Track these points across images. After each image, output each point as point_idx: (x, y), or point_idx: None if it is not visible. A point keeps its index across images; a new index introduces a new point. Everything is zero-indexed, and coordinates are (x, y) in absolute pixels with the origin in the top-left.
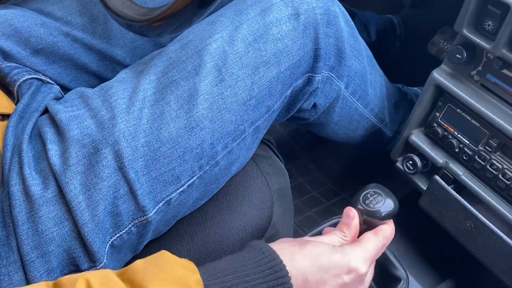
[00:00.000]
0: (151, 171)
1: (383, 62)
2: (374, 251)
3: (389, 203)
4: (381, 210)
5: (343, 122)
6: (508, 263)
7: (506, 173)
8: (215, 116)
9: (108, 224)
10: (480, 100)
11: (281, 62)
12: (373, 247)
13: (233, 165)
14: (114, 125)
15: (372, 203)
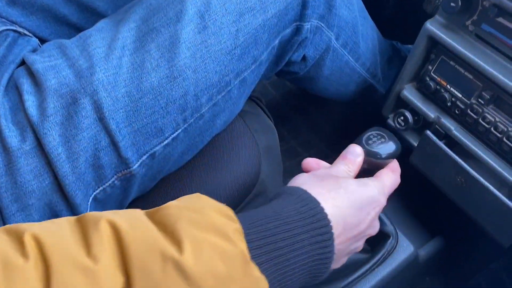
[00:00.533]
0: (132, 122)
1: (377, 20)
2: (391, 186)
3: (391, 144)
4: (383, 151)
5: (334, 76)
6: (498, 218)
7: (498, 126)
8: (199, 65)
9: (90, 177)
10: (474, 51)
11: (267, 9)
12: (390, 182)
13: (219, 119)
14: (93, 74)
15: (375, 144)
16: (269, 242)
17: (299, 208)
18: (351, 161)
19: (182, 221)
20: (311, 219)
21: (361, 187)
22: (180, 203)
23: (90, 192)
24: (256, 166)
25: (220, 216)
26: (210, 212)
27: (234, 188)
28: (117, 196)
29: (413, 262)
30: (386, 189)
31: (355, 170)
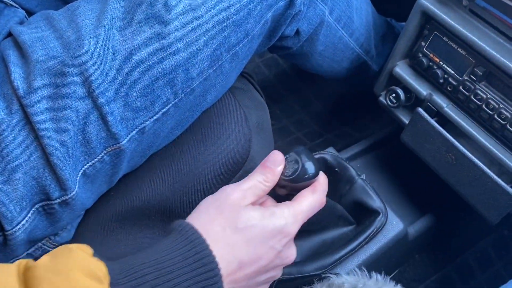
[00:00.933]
0: (122, 96)
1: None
2: (309, 210)
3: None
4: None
5: (327, 52)
6: (487, 196)
7: (489, 103)
8: (189, 38)
9: (79, 151)
10: (467, 27)
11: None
12: (308, 206)
13: (209, 94)
14: (81, 46)
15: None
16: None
17: (184, 253)
18: (270, 170)
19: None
20: (196, 264)
21: (263, 220)
22: (49, 262)
23: (79, 167)
24: (246, 142)
25: (86, 279)
26: (75, 274)
27: (223, 164)
28: (107, 171)
29: (403, 240)
30: (300, 215)
31: (274, 180)
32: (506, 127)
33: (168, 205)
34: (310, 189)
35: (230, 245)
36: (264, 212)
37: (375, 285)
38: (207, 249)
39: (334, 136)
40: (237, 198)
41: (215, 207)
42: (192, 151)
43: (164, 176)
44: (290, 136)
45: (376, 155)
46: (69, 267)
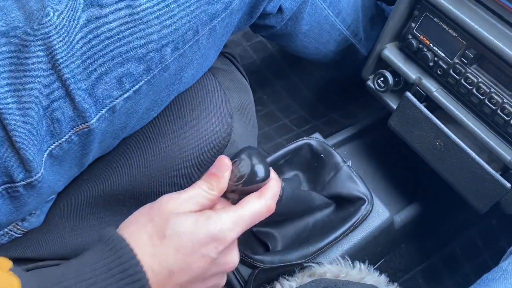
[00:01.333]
0: (89, 71)
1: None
2: (253, 216)
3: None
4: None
5: (313, 33)
6: (476, 184)
7: (480, 87)
8: (162, 10)
9: (44, 130)
10: (459, 7)
11: None
12: (252, 211)
13: (186, 72)
14: (44, 16)
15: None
16: None
17: (109, 263)
18: (215, 177)
19: None
20: (121, 275)
21: (195, 225)
22: None
23: (45, 147)
24: (227, 125)
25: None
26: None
27: (203, 149)
28: (76, 152)
29: (388, 228)
30: (241, 221)
31: (220, 188)
32: (497, 112)
33: (143, 190)
34: (257, 194)
35: (157, 254)
36: (198, 218)
37: (358, 274)
38: (133, 259)
39: (321, 123)
40: (172, 206)
41: (147, 214)
42: (169, 134)
43: (139, 160)
44: (276, 122)
45: (363, 142)
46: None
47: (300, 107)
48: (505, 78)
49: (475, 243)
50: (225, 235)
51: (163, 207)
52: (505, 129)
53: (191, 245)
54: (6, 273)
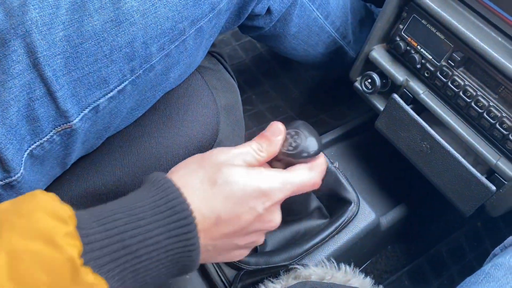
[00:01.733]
0: (72, 71)
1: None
2: (300, 185)
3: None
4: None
5: (302, 35)
6: (462, 186)
7: (467, 90)
8: (148, 9)
9: (24, 129)
10: (447, 9)
11: None
12: (300, 179)
13: (172, 72)
14: (25, 13)
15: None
16: (114, 242)
17: (156, 201)
18: (266, 139)
19: (4, 229)
20: (168, 212)
21: (246, 177)
22: (10, 206)
23: (25, 147)
24: (214, 125)
25: (50, 220)
26: (39, 215)
27: (188, 149)
28: (58, 153)
29: (375, 230)
30: (289, 185)
31: (270, 151)
32: (483, 115)
33: (127, 191)
34: (307, 165)
35: (207, 198)
36: (250, 171)
37: (344, 277)
38: (180, 197)
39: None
40: (223, 158)
41: (197, 162)
42: (155, 133)
43: (123, 160)
44: (265, 122)
45: (351, 143)
46: (31, 208)
47: (289, 107)
48: (492, 82)
49: (461, 245)
50: (274, 192)
51: (214, 157)
52: (491, 132)
53: (241, 195)
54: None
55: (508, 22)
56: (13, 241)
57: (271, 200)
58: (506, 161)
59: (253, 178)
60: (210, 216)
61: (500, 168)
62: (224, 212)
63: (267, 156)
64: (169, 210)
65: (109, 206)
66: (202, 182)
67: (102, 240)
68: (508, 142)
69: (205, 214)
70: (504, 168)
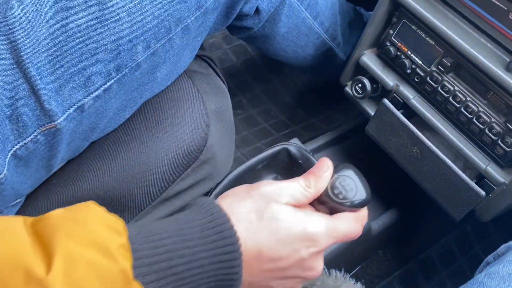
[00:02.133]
0: (56, 69)
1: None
2: (345, 234)
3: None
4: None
5: (291, 35)
6: (452, 191)
7: (457, 96)
8: (133, 7)
9: (8, 129)
10: (437, 15)
11: None
12: (346, 228)
13: (159, 71)
14: (8, 10)
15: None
16: (162, 260)
17: (204, 224)
18: (314, 175)
19: (61, 234)
20: (216, 236)
21: (296, 218)
22: (65, 213)
23: (8, 147)
24: (203, 130)
25: (105, 230)
26: (94, 225)
27: (178, 153)
28: (42, 153)
29: (366, 235)
30: (336, 233)
31: (318, 187)
32: (473, 121)
33: (115, 196)
34: (354, 215)
35: (252, 230)
36: (298, 212)
37: (334, 282)
38: (227, 222)
39: (301, 128)
40: (271, 191)
41: (246, 191)
42: (144, 138)
43: (112, 164)
44: (256, 127)
45: (341, 148)
46: (86, 217)
47: (280, 111)
48: (481, 87)
49: (451, 250)
50: (320, 237)
51: (262, 188)
52: (480, 137)
53: (286, 234)
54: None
55: (497, 28)
56: (70, 247)
57: (315, 245)
58: (496, 166)
59: (300, 220)
60: (252, 249)
61: (490, 173)
62: (266, 248)
63: (315, 192)
64: (216, 234)
65: (158, 224)
66: (249, 213)
67: (150, 257)
68: (497, 147)
69: (248, 245)
70: (493, 174)
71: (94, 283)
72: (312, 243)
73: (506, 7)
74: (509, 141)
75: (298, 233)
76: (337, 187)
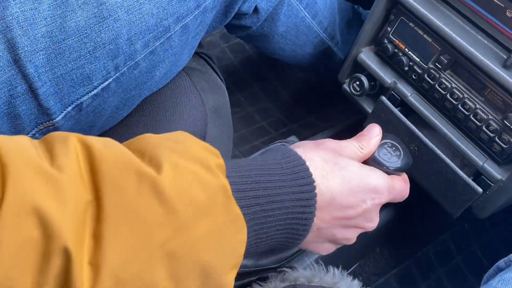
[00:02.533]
0: (55, 67)
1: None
2: (399, 193)
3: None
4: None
5: (290, 34)
6: (449, 188)
7: (454, 93)
8: (132, 5)
9: (6, 128)
10: (434, 12)
11: None
12: (400, 188)
13: (158, 70)
14: (5, 8)
15: (388, 156)
16: (250, 189)
17: (282, 164)
18: (366, 138)
19: (163, 148)
20: (294, 175)
21: (363, 171)
22: (160, 136)
23: None
24: (201, 127)
25: (203, 150)
26: (193, 145)
27: None
28: None
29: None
30: (393, 190)
31: (370, 149)
32: (470, 117)
33: None
34: (404, 177)
35: (326, 177)
36: (363, 166)
37: (332, 279)
38: (304, 164)
39: (299, 126)
40: (337, 146)
41: (315, 145)
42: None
43: None
44: (254, 125)
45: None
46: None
47: (277, 109)
48: (478, 84)
49: (448, 247)
50: (383, 191)
51: (329, 144)
52: (477, 134)
53: (357, 184)
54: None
55: (494, 25)
56: (175, 159)
57: (379, 198)
58: (493, 163)
59: (367, 173)
60: (326, 194)
61: (487, 170)
62: (339, 195)
63: (368, 152)
64: (294, 174)
65: (242, 160)
66: (324, 161)
67: (240, 184)
68: (494, 144)
69: (322, 189)
70: (490, 170)
71: (199, 191)
72: (376, 195)
73: (503, 4)
74: (506, 138)
75: (367, 185)
76: (385, 152)
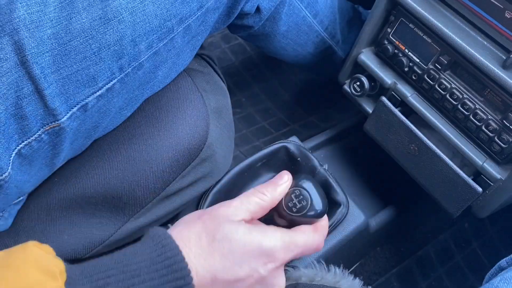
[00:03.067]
0: (60, 68)
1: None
2: (304, 247)
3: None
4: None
5: (291, 34)
6: (449, 188)
7: (454, 93)
8: (136, 7)
9: (12, 128)
10: (434, 13)
11: None
12: (304, 241)
13: (160, 70)
14: (12, 11)
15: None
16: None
17: (154, 258)
18: (271, 185)
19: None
20: (165, 270)
21: (251, 236)
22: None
23: (13, 146)
24: (203, 128)
25: (39, 274)
26: (28, 269)
27: (178, 151)
28: (46, 152)
29: (364, 232)
30: (293, 246)
31: (275, 196)
32: (469, 118)
33: (116, 193)
34: (312, 227)
35: (203, 256)
36: (252, 228)
37: (333, 278)
38: (178, 255)
39: (299, 126)
40: (224, 212)
41: (197, 216)
42: (144, 136)
43: (112, 163)
44: (255, 125)
45: (340, 146)
46: (21, 261)
47: (278, 110)
48: (478, 85)
49: (448, 246)
50: (277, 253)
51: (214, 211)
52: (477, 134)
53: (241, 254)
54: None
55: (493, 26)
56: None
57: (274, 261)
58: (492, 163)
59: (254, 237)
60: (205, 275)
61: (486, 170)
62: (220, 272)
63: (271, 200)
64: (166, 268)
65: (104, 261)
66: (200, 237)
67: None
68: (494, 144)
69: (200, 272)
70: (490, 170)
71: None
72: (269, 259)
73: (503, 5)
74: (505, 137)
75: (253, 251)
76: (292, 199)
